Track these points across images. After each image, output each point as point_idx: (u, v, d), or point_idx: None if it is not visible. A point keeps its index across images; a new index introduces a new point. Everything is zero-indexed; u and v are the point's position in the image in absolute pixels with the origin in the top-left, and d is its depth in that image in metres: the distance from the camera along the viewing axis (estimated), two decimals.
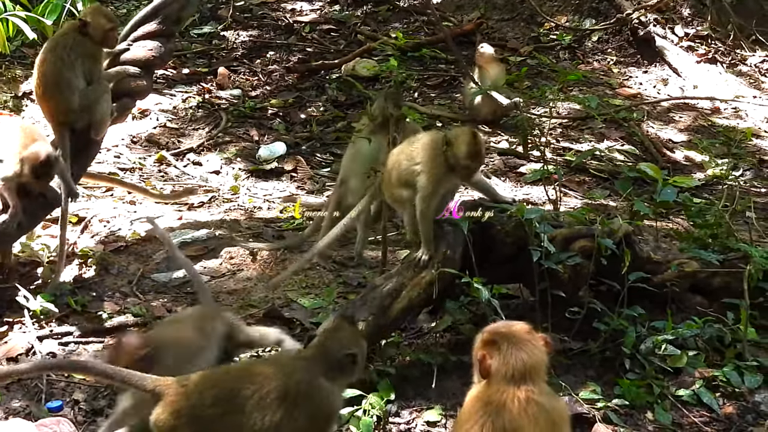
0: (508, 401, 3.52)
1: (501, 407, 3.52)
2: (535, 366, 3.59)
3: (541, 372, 3.62)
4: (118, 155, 8.93)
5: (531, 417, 3.48)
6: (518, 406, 3.50)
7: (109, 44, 6.66)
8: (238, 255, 6.89)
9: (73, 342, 5.87)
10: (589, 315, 5.58)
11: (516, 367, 3.60)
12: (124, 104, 6.99)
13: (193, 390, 4.12)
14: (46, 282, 6.44)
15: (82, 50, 6.48)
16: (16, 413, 5.13)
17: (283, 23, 12.75)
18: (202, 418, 4.10)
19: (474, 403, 3.64)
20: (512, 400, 3.51)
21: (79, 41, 6.48)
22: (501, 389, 3.57)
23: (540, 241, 5.53)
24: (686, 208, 6.93)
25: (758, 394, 5.33)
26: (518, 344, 3.64)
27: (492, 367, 3.63)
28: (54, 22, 9.68)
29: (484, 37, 12.20)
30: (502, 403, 3.53)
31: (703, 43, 12.22)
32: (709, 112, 10.72)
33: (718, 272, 5.95)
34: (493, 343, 3.68)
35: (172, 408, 4.08)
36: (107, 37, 6.57)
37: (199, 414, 4.09)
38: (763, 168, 9.40)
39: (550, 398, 3.59)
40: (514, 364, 3.60)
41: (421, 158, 5.62)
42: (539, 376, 3.61)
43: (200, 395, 4.12)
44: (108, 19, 6.61)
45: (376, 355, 5.47)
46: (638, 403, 5.22)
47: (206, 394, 4.13)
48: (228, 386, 4.20)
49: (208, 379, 4.24)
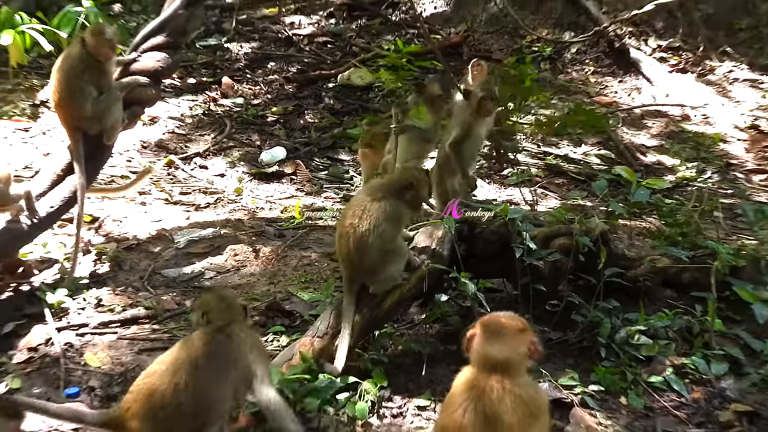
0: (487, 388, 3.56)
1: (482, 393, 3.55)
2: (508, 360, 3.61)
3: (516, 367, 3.62)
4: (130, 159, 8.94)
5: (508, 406, 3.51)
6: (496, 395, 3.52)
7: (103, 58, 6.60)
8: (242, 252, 6.91)
9: (88, 333, 5.89)
10: (568, 307, 5.62)
11: (489, 356, 3.63)
12: (134, 111, 7.00)
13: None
14: (63, 277, 6.46)
15: (91, 61, 6.50)
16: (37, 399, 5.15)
17: (282, 36, 12.77)
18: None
19: (460, 387, 3.68)
20: (491, 388, 3.54)
21: (86, 54, 6.50)
22: (482, 376, 3.61)
23: (522, 239, 5.57)
24: (658, 209, 6.98)
25: (724, 380, 5.37)
26: (499, 337, 3.67)
27: (472, 348, 3.69)
28: (68, 35, 9.72)
29: (471, 49, 12.25)
30: (483, 390, 3.56)
31: (675, 54, 12.28)
32: (680, 118, 10.76)
33: (687, 268, 5.99)
34: (483, 328, 3.72)
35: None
36: (101, 52, 6.53)
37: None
38: (730, 171, 9.43)
39: (528, 389, 3.60)
40: (489, 354, 3.64)
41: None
42: (515, 370, 3.62)
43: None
44: (103, 36, 6.56)
45: (370, 345, 5.51)
46: (613, 389, 5.26)
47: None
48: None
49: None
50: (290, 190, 8.51)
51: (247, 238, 7.17)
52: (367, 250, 5.25)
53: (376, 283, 5.38)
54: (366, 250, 5.25)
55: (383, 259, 5.30)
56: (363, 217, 5.28)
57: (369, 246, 5.24)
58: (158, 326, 6.01)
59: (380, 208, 5.32)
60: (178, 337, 5.86)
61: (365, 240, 5.24)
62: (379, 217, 5.28)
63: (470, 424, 3.53)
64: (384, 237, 5.28)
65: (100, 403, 5.15)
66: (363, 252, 5.26)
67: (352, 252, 5.29)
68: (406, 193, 5.47)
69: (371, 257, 5.26)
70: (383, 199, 5.37)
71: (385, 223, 5.30)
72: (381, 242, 5.26)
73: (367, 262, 5.27)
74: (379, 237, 5.26)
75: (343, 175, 8.96)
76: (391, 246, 5.33)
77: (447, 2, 13.40)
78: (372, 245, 5.24)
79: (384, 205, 5.34)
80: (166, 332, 5.93)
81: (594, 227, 5.77)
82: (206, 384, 4.19)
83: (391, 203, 5.37)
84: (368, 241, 5.23)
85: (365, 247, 5.25)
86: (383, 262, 5.31)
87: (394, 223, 5.37)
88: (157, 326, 6.01)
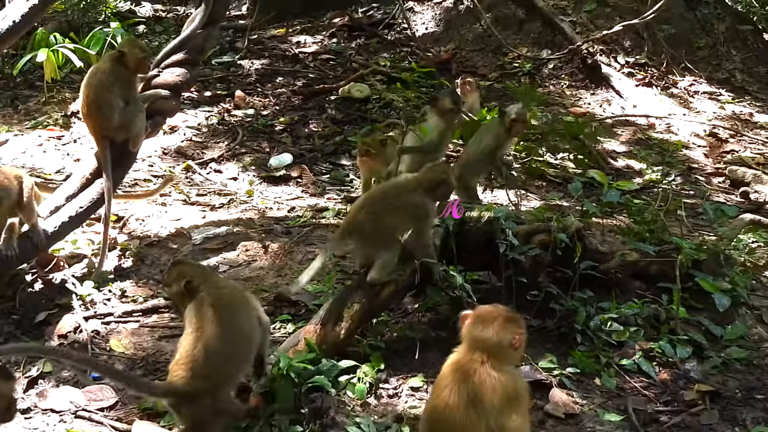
0: (471, 371, 3.52)
1: (467, 375, 3.53)
2: (494, 346, 3.57)
3: (500, 353, 3.58)
4: (152, 164, 8.88)
5: (489, 387, 3.47)
6: (479, 377, 3.50)
7: (142, 71, 6.64)
8: (252, 248, 6.85)
9: (113, 321, 5.84)
10: (547, 297, 5.58)
11: (477, 339, 3.60)
12: (157, 121, 6.95)
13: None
14: (90, 271, 6.41)
15: (119, 76, 6.45)
16: (66, 382, 5.11)
17: (290, 54, 12.72)
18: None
19: (448, 369, 3.65)
20: (474, 371, 3.51)
21: (116, 69, 6.45)
22: (469, 357, 3.57)
23: (506, 236, 5.53)
24: (628, 208, 6.96)
25: (688, 363, 5.36)
26: (489, 324, 3.63)
27: (464, 329, 3.65)
28: (97, 53, 9.68)
29: (459, 66, 12.21)
30: (467, 372, 3.53)
31: (641, 69, 12.24)
32: (646, 127, 10.72)
33: (654, 261, 5.95)
34: (475, 315, 3.68)
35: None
36: (140, 64, 6.55)
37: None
38: (692, 174, 9.40)
39: (509, 376, 3.56)
40: (477, 337, 3.61)
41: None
42: (499, 356, 3.58)
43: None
44: (141, 50, 6.58)
45: (368, 332, 5.46)
46: (588, 371, 5.23)
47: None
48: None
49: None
50: (296, 192, 8.45)
51: (257, 236, 7.11)
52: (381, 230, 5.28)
53: (373, 269, 5.31)
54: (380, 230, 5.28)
55: (385, 244, 5.29)
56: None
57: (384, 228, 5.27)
58: (176, 315, 5.94)
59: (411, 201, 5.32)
60: None
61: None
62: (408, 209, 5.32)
63: (455, 403, 3.51)
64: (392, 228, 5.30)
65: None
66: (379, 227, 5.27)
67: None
68: (438, 189, 5.42)
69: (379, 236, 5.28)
70: (414, 193, 5.36)
71: (411, 219, 5.33)
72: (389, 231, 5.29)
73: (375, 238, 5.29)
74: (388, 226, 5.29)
75: (344, 178, 8.91)
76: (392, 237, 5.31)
77: (437, 23, 13.35)
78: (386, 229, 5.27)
79: (415, 199, 5.34)
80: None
81: (570, 225, 5.73)
82: (240, 332, 4.34)
83: (422, 198, 5.35)
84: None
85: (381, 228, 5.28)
86: (384, 247, 5.29)
87: (424, 219, 5.36)
88: (175, 315, 5.94)
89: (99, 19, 12.78)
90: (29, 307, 5.96)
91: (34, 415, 4.79)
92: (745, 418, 4.88)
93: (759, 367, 5.37)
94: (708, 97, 11.91)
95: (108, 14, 13.07)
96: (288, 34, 13.64)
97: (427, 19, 13.45)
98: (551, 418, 4.81)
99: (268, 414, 4.53)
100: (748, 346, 5.52)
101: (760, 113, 11.50)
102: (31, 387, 5.07)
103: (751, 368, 5.35)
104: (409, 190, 5.39)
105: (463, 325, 3.73)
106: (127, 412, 4.84)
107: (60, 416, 4.77)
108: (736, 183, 9.18)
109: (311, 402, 4.63)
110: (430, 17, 13.45)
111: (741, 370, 5.32)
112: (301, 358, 4.80)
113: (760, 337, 5.66)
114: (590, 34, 12.50)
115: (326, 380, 4.71)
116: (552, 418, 4.81)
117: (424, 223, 5.36)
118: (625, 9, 12.96)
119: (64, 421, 4.73)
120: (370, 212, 5.30)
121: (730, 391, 5.11)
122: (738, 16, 13.93)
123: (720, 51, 12.95)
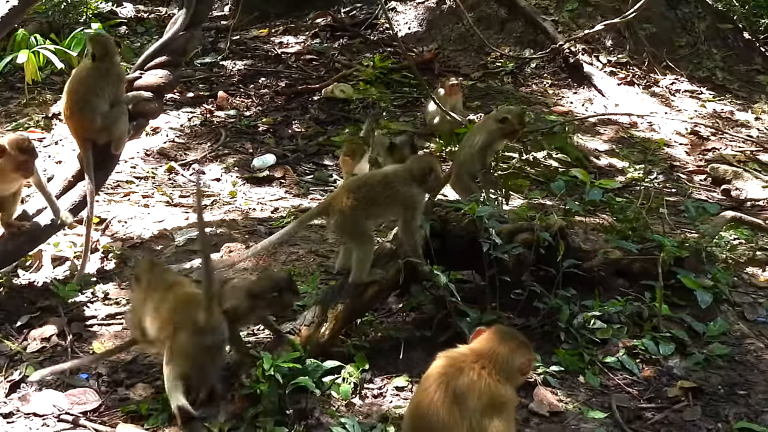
0: (467, 368, 3.52)
1: (457, 374, 3.52)
2: (504, 362, 3.59)
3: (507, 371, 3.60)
4: (134, 166, 8.86)
5: (477, 389, 3.48)
6: (469, 379, 3.50)
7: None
8: (236, 249, 6.83)
9: (96, 324, 5.81)
10: (531, 296, 5.57)
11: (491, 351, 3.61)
12: (139, 123, 6.93)
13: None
14: (73, 274, 6.38)
15: (103, 73, 6.42)
16: (48, 385, 5.07)
17: (272, 54, 12.70)
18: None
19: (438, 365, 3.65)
20: (467, 371, 3.51)
21: (99, 69, 6.41)
22: (470, 359, 3.57)
23: (489, 235, 5.52)
24: (610, 206, 6.98)
25: (671, 360, 5.37)
26: (507, 341, 3.67)
27: (477, 339, 3.70)
28: (78, 54, 9.63)
29: (441, 65, 12.22)
30: (459, 371, 3.53)
31: (623, 68, 12.27)
32: (628, 126, 10.76)
33: (637, 259, 5.96)
34: (497, 329, 3.81)
35: None
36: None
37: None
38: (673, 172, 9.44)
39: (499, 385, 3.56)
40: (491, 349, 3.63)
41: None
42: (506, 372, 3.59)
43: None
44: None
45: (352, 332, 5.46)
46: (572, 369, 5.23)
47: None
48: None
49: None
50: (280, 193, 8.45)
51: (241, 237, 7.10)
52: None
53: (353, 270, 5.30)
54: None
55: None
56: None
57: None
58: None
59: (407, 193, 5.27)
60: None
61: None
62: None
63: (440, 401, 3.50)
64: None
65: (107, 388, 5.08)
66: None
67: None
68: (428, 178, 5.36)
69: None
70: (406, 183, 5.31)
71: (402, 208, 5.31)
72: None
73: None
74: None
75: (327, 178, 8.91)
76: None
77: (420, 23, 13.36)
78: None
79: (407, 189, 5.30)
80: None
81: (553, 223, 5.74)
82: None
83: (414, 188, 5.32)
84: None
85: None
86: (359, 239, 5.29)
87: (413, 209, 5.32)
88: None
89: (80, 20, 12.74)
90: (11, 310, 5.93)
91: (17, 420, 4.75)
92: (727, 414, 4.90)
93: (741, 363, 5.39)
94: (689, 95, 11.96)
95: (89, 15, 13.02)
96: (271, 34, 13.63)
97: (410, 18, 13.46)
98: (536, 416, 4.82)
99: (253, 415, 4.51)
100: (730, 343, 5.54)
101: (741, 111, 11.57)
102: (14, 391, 5.02)
103: (733, 364, 5.38)
104: (400, 179, 5.34)
105: (477, 337, 3.74)
106: (111, 415, 4.80)
107: (43, 420, 4.74)
108: (717, 181, 9.23)
109: (296, 403, 4.63)
110: (413, 17, 13.46)
111: (723, 367, 5.34)
112: (286, 358, 4.78)
113: (742, 333, 5.69)
114: (572, 34, 12.54)
115: (311, 381, 4.69)
116: (536, 416, 4.82)
117: (413, 212, 5.31)
118: (607, 8, 13.01)
119: (47, 425, 4.70)
120: (358, 199, 5.23)
121: (713, 387, 5.13)
122: (718, 14, 14.00)
123: (701, 50, 13.02)
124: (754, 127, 11.14)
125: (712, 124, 10.95)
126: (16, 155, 5.72)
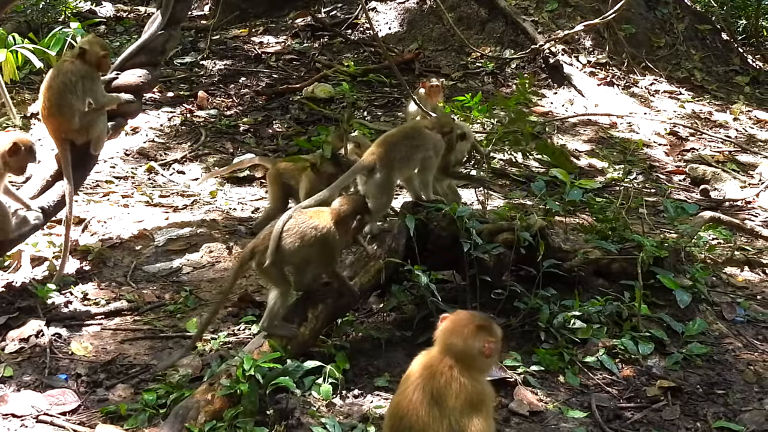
0: (438, 373, 3.53)
1: (433, 375, 3.53)
2: (462, 353, 3.57)
3: (470, 360, 3.58)
4: (113, 166, 8.80)
5: (453, 391, 3.48)
6: (445, 379, 3.50)
7: (103, 69, 6.53)
8: (216, 249, 6.81)
9: (75, 325, 5.77)
10: (511, 296, 5.60)
11: (448, 344, 3.60)
12: (118, 123, 6.88)
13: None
14: (52, 274, 6.33)
15: (81, 75, 6.35)
16: (27, 386, 5.03)
17: (252, 54, 12.67)
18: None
19: (417, 367, 3.65)
20: (441, 372, 3.52)
21: (78, 68, 6.35)
22: (439, 360, 3.57)
23: (470, 235, 5.54)
24: (590, 206, 7.01)
25: (650, 359, 5.40)
26: (460, 331, 3.63)
27: (438, 331, 3.67)
28: (57, 53, 9.56)
29: (422, 65, 12.23)
30: (435, 372, 3.54)
31: (603, 69, 12.34)
32: (608, 126, 10.81)
33: (616, 259, 5.99)
34: (450, 320, 3.72)
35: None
36: (101, 62, 6.46)
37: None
38: (653, 172, 9.50)
39: (476, 382, 3.56)
40: (447, 342, 3.61)
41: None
42: (470, 363, 3.58)
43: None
44: (101, 47, 6.50)
45: (333, 332, 5.45)
46: (552, 369, 5.26)
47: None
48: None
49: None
50: (260, 193, 8.42)
51: (221, 237, 7.07)
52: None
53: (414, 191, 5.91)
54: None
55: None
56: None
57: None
58: (139, 318, 5.92)
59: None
60: (158, 327, 5.78)
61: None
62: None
63: (419, 401, 3.50)
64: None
65: (86, 388, 5.05)
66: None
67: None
68: (448, 137, 6.00)
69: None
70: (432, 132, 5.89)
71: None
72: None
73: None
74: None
75: None
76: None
77: (400, 23, 13.36)
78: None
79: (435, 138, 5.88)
80: (147, 323, 5.84)
81: (533, 223, 5.76)
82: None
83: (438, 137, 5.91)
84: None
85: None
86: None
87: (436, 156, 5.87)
88: (138, 318, 5.92)
89: (59, 19, 12.67)
90: None
91: None
92: (706, 413, 4.94)
93: (719, 362, 5.43)
94: (668, 95, 12.05)
95: (68, 14, 12.94)
96: (251, 34, 13.60)
97: (391, 18, 13.46)
98: (516, 416, 4.83)
99: (233, 416, 4.50)
100: (708, 342, 5.58)
101: (719, 112, 11.67)
102: None
103: (712, 364, 5.42)
104: (428, 128, 5.92)
105: (439, 324, 3.74)
106: (90, 416, 4.78)
107: (21, 421, 4.70)
108: (696, 181, 9.30)
109: (276, 403, 4.62)
110: (394, 17, 13.46)
111: (702, 366, 5.38)
112: (266, 358, 4.77)
113: (720, 332, 5.73)
114: (552, 34, 12.59)
115: (291, 381, 4.68)
116: (517, 416, 4.83)
117: (434, 160, 5.83)
118: (587, 9, 13.09)
119: (26, 426, 4.67)
120: (400, 147, 5.69)
121: (692, 386, 5.17)
122: (697, 15, 14.12)
123: (680, 50, 13.13)
124: (732, 127, 11.24)
125: (691, 125, 11.03)
126: (25, 156, 5.93)
